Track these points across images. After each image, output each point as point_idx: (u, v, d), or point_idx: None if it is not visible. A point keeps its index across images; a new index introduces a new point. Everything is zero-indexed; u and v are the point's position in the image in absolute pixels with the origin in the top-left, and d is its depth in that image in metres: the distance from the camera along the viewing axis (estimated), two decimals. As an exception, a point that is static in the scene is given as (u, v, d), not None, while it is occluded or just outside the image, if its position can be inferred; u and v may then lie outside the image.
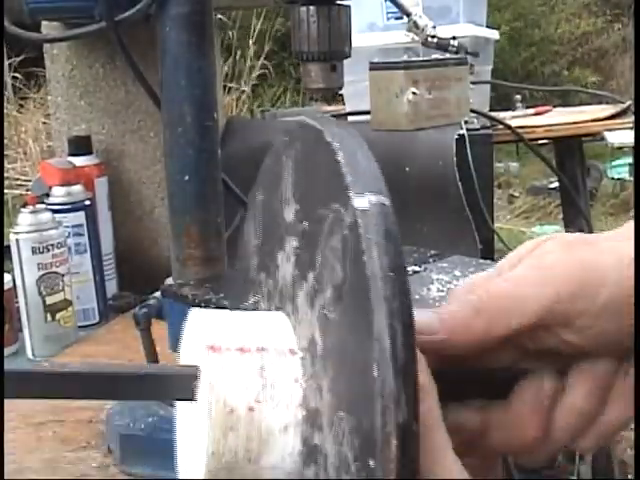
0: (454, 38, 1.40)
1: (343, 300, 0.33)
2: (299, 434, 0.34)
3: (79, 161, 1.17)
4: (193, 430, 0.36)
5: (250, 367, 0.34)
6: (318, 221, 0.36)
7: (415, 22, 1.39)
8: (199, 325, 0.36)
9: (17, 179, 3.67)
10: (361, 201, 0.33)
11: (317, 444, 0.34)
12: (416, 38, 1.42)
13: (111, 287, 1.20)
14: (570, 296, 0.38)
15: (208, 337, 0.34)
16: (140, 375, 0.35)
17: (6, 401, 0.86)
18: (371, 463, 0.29)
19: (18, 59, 4.00)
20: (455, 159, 1.20)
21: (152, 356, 0.77)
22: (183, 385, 0.34)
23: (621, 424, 0.41)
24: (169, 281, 0.79)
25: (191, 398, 0.34)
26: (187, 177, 0.75)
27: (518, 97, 1.80)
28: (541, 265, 0.39)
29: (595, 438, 0.41)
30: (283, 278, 0.40)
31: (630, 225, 0.41)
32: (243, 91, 4.31)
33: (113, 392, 0.36)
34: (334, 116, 1.52)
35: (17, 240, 1.00)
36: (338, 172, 0.35)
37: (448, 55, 1.39)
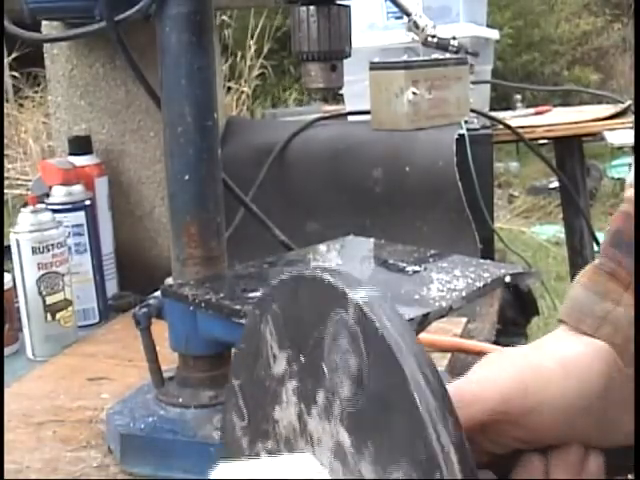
0: (454, 38, 1.40)
1: (364, 382, 0.36)
2: None
3: (79, 161, 1.17)
4: None
5: None
6: (317, 343, 0.39)
7: (415, 22, 1.39)
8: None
9: (17, 179, 3.67)
10: (359, 295, 0.37)
11: None
12: (416, 38, 1.42)
13: (111, 287, 1.20)
14: (519, 394, 0.44)
15: None
16: None
17: (6, 401, 0.86)
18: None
19: (10, 58, 4.00)
20: (455, 159, 1.20)
21: (152, 356, 0.77)
22: None
23: None
24: (169, 281, 0.79)
25: None
26: (187, 177, 0.75)
27: (518, 97, 1.81)
28: (489, 370, 0.46)
29: None
30: (285, 427, 0.43)
31: (561, 334, 0.49)
32: (243, 91, 4.31)
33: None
34: (334, 116, 1.52)
35: (17, 240, 1.00)
36: (329, 286, 0.39)
37: (448, 55, 1.39)
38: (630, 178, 0.54)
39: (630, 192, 0.53)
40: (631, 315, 0.49)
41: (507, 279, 0.74)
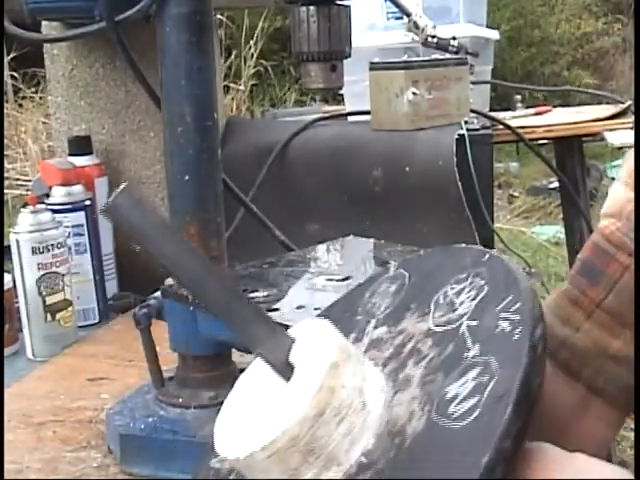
0: (454, 38, 1.40)
1: None
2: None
3: (79, 161, 1.17)
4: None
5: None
6: None
7: (415, 22, 1.39)
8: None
9: (17, 179, 3.67)
10: None
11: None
12: (416, 38, 1.42)
13: (111, 287, 1.20)
14: None
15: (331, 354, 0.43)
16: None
17: (6, 401, 0.86)
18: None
19: (9, 58, 3.99)
20: (455, 159, 1.20)
21: (152, 356, 0.77)
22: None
23: None
24: (169, 281, 0.79)
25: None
26: (187, 177, 0.75)
27: (518, 97, 1.80)
28: None
29: None
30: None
31: None
32: (242, 91, 4.31)
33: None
34: (334, 116, 1.52)
35: (17, 240, 1.00)
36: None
37: (448, 55, 1.39)
38: (605, 207, 0.55)
39: (603, 223, 0.54)
40: (588, 343, 0.52)
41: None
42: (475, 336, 0.44)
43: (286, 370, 0.43)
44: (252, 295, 0.70)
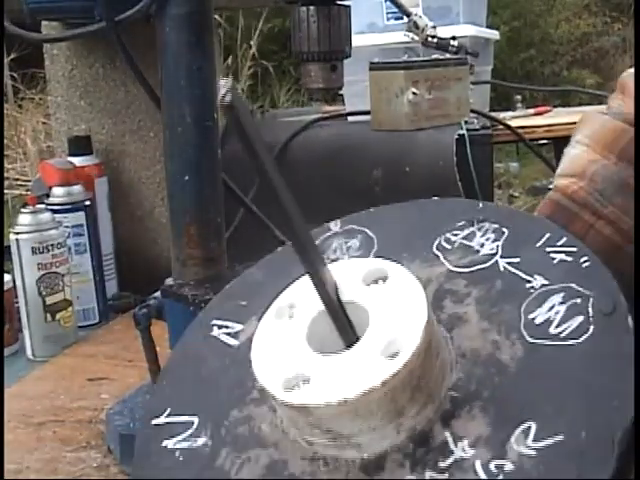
0: (454, 38, 1.40)
1: None
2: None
3: (79, 161, 1.17)
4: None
5: None
6: None
7: (415, 22, 1.39)
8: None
9: (17, 179, 3.67)
10: None
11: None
12: (416, 38, 1.42)
13: (111, 287, 1.20)
14: None
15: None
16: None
17: (6, 401, 0.85)
18: None
19: (8, 59, 3.99)
20: (455, 159, 1.20)
21: (152, 356, 0.77)
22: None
23: None
24: (169, 281, 0.79)
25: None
26: (187, 177, 0.75)
27: (518, 97, 1.80)
28: None
29: None
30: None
31: None
32: (243, 90, 4.31)
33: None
34: (334, 116, 1.52)
35: (17, 240, 1.00)
36: None
37: (448, 55, 1.39)
38: (564, 168, 0.55)
39: (563, 182, 0.54)
40: None
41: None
42: (529, 269, 0.44)
43: (336, 309, 0.42)
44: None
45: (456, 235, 0.48)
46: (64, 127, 1.27)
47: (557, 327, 0.40)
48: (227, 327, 0.52)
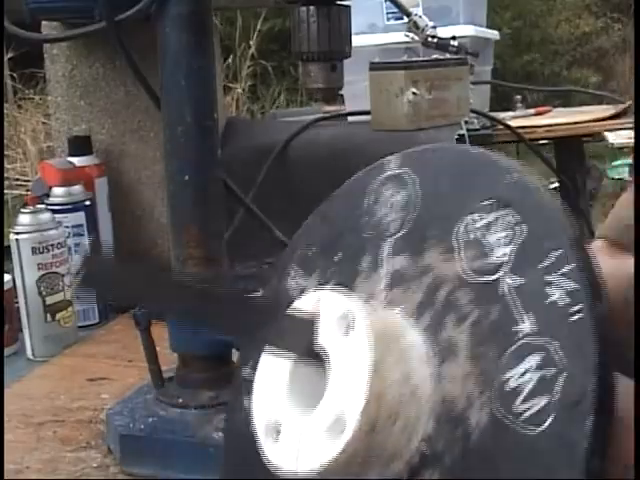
0: (454, 38, 1.40)
1: None
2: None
3: (79, 161, 1.17)
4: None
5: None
6: None
7: (415, 22, 1.39)
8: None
9: (17, 179, 3.67)
10: None
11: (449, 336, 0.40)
12: (416, 38, 1.42)
13: (111, 287, 1.20)
14: None
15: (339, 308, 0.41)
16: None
17: (6, 401, 0.85)
18: None
19: (6, 58, 3.99)
20: (455, 159, 1.20)
21: (152, 356, 0.77)
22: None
23: None
24: (169, 281, 0.79)
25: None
26: (187, 177, 0.75)
27: (518, 97, 1.80)
28: None
29: None
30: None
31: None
32: (242, 90, 4.31)
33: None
34: (334, 116, 1.52)
35: (17, 240, 1.00)
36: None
37: (448, 55, 1.39)
38: None
39: None
40: None
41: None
42: (523, 303, 0.38)
43: (314, 357, 0.40)
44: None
45: (476, 221, 0.42)
46: (64, 127, 1.27)
47: (523, 402, 0.37)
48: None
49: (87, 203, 1.12)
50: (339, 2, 0.73)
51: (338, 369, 0.40)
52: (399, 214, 0.47)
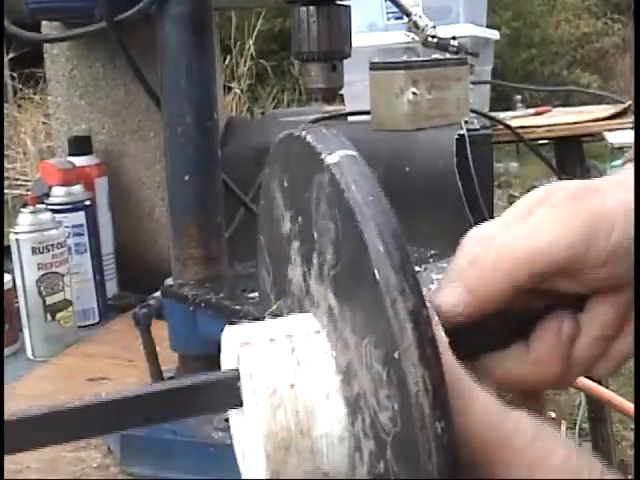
0: (454, 38, 1.40)
1: (342, 247, 0.35)
2: (340, 397, 0.36)
3: (79, 161, 1.17)
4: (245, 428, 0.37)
5: (282, 351, 0.36)
6: (307, 205, 0.38)
7: (415, 22, 1.39)
8: (232, 334, 0.38)
9: (17, 179, 3.67)
10: (332, 157, 0.35)
11: (357, 392, 0.35)
12: (416, 38, 1.42)
13: (111, 287, 1.20)
14: (583, 244, 0.40)
15: (240, 337, 0.37)
16: (179, 391, 0.35)
17: (6, 401, 0.85)
18: (395, 355, 0.30)
19: (7, 58, 3.99)
20: (455, 159, 1.20)
21: (152, 356, 0.77)
22: (228, 391, 0.35)
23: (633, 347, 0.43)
24: (169, 281, 0.79)
25: (239, 403, 0.35)
26: (187, 177, 0.75)
27: (518, 97, 1.81)
28: (553, 218, 0.41)
29: (612, 363, 0.42)
30: (296, 285, 0.41)
31: (628, 173, 0.43)
32: (242, 90, 4.31)
33: (150, 417, 0.35)
34: (334, 116, 1.52)
35: (17, 240, 1.00)
36: (311, 151, 0.37)
37: (448, 55, 1.39)
38: None
39: None
40: None
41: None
42: None
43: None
44: (252, 295, 0.70)
45: None
46: (64, 127, 1.27)
47: None
48: None
49: (87, 203, 1.12)
50: (339, 2, 0.73)
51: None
52: None
